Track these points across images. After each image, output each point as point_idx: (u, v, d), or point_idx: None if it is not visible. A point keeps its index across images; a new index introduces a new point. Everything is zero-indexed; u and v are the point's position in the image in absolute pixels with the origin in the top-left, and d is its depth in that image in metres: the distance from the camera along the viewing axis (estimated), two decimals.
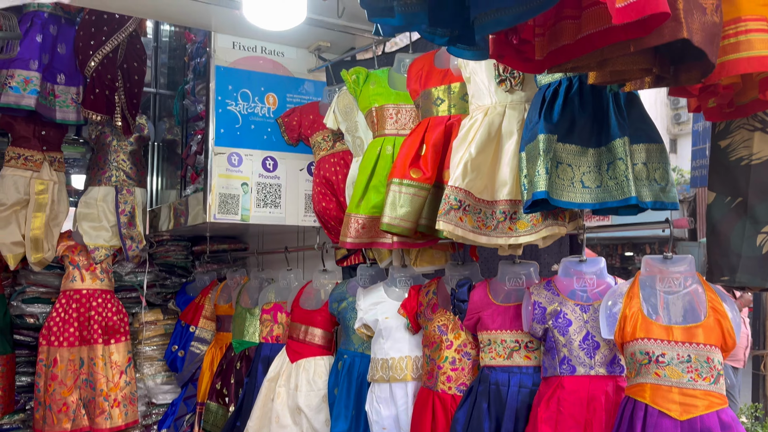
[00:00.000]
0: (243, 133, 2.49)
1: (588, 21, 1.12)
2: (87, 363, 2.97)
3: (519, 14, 0.98)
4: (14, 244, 2.89)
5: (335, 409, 2.30)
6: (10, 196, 2.88)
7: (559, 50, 1.20)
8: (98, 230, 3.05)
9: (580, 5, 1.13)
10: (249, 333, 2.86)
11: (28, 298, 3.05)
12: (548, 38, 1.20)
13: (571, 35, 1.15)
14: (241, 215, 2.47)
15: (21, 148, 2.93)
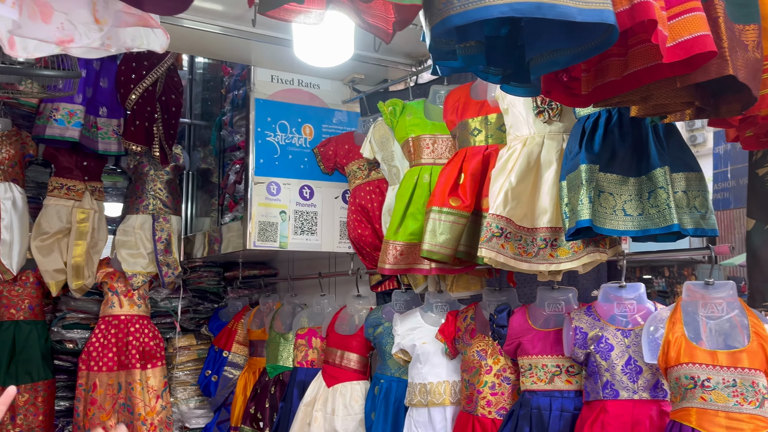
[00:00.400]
0: (281, 163, 2.56)
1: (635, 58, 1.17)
2: (125, 387, 3.02)
3: (574, 56, 1.03)
4: (56, 271, 2.97)
5: None
6: (53, 224, 2.97)
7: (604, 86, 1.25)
8: (136, 257, 3.13)
9: (626, 44, 1.19)
10: (283, 358, 2.90)
11: (68, 324, 3.11)
12: (594, 74, 1.26)
13: (618, 72, 1.21)
14: (279, 242, 2.53)
15: (64, 178, 3.03)
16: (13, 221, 2.84)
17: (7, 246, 2.82)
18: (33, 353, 2.86)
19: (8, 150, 2.88)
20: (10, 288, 2.89)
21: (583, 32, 1.00)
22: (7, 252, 2.83)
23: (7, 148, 2.88)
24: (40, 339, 2.93)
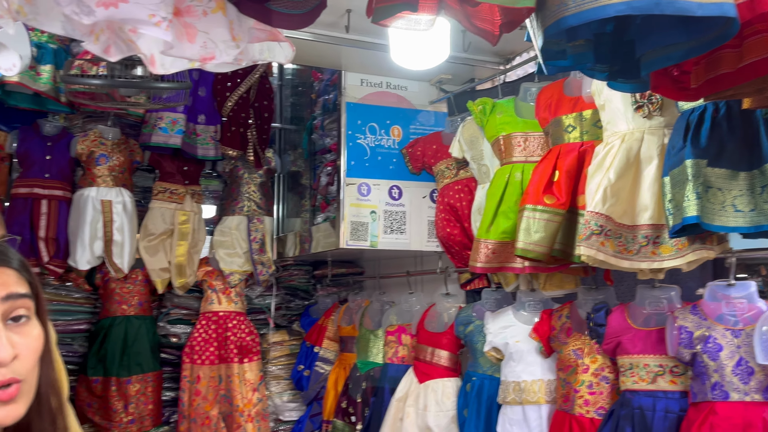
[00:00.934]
0: (371, 165, 2.62)
1: (751, 50, 1.13)
2: (225, 380, 3.17)
3: (689, 50, 1.01)
4: (162, 270, 3.16)
5: (465, 429, 2.34)
6: (158, 226, 3.16)
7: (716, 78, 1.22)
8: (232, 256, 3.28)
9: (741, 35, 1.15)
10: (373, 354, 2.96)
11: (172, 319, 3.31)
12: (704, 67, 1.22)
13: (732, 64, 1.17)
14: (370, 241, 2.59)
15: (167, 182, 3.22)
16: (123, 223, 3.05)
17: (119, 246, 3.03)
18: (143, 346, 3.06)
19: (118, 157, 3.09)
20: (122, 285, 3.10)
21: (700, 26, 0.98)
22: (119, 252, 3.04)
23: (118, 156, 3.09)
24: (149, 333, 3.13)
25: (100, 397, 2.96)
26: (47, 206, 2.96)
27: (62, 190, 3.02)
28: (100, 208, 3.00)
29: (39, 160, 2.98)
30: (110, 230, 3.01)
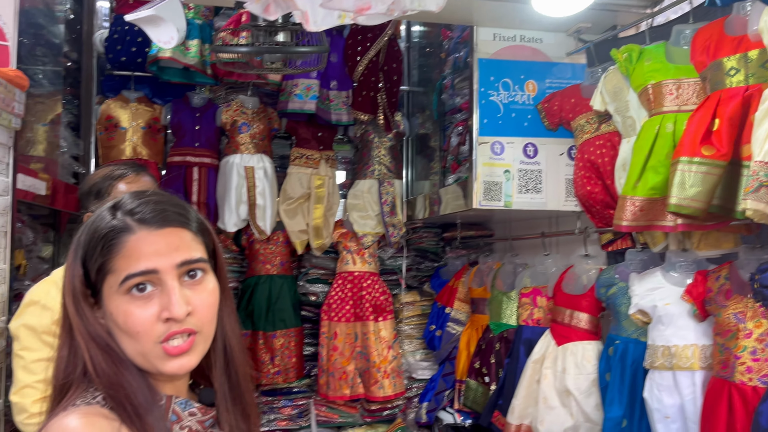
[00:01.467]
0: (504, 122, 2.55)
1: None
2: (361, 337, 3.30)
3: None
4: (300, 231, 3.32)
5: (608, 394, 2.27)
6: (296, 190, 3.31)
7: None
8: (365, 219, 3.37)
9: None
10: (506, 316, 2.93)
11: (310, 279, 3.47)
12: None
13: None
14: (504, 201, 2.54)
15: (303, 148, 3.35)
16: (265, 188, 3.22)
17: (262, 210, 3.22)
18: (285, 303, 3.25)
19: (258, 125, 3.26)
20: (265, 247, 3.29)
21: None
22: (262, 215, 3.22)
23: (258, 124, 3.26)
24: (290, 291, 3.31)
25: (249, 349, 3.19)
26: (198, 173, 3.20)
27: (210, 158, 3.25)
28: (243, 174, 3.19)
29: (189, 130, 3.21)
30: (253, 195, 3.19)
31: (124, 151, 3.12)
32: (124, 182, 1.83)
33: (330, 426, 3.47)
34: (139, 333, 0.88)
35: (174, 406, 0.95)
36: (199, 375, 1.03)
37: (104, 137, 3.17)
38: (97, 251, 0.89)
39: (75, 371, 0.89)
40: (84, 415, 0.83)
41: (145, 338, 0.88)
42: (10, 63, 2.01)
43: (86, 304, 0.90)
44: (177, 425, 0.93)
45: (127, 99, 3.21)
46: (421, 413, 3.40)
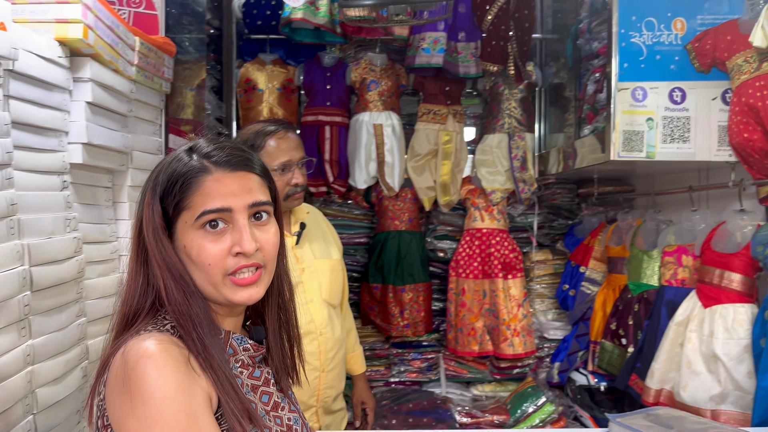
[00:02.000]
0: (647, 66, 2.36)
1: None
2: (489, 294, 3.28)
3: None
4: (428, 188, 3.33)
5: (763, 360, 2.07)
6: (423, 147, 3.32)
7: None
8: (494, 174, 3.30)
9: None
10: (646, 275, 2.77)
11: (438, 235, 3.50)
12: None
13: None
14: (646, 152, 2.37)
15: (430, 104, 3.33)
16: (393, 145, 3.26)
17: (390, 167, 3.27)
18: (414, 259, 3.31)
19: (386, 82, 3.29)
20: (394, 203, 3.35)
21: None
22: (390, 172, 3.27)
23: (386, 81, 3.29)
24: (419, 247, 3.35)
25: (379, 302, 3.30)
26: (330, 131, 3.30)
27: (341, 116, 3.34)
28: (372, 131, 3.25)
29: (321, 90, 3.32)
30: (382, 152, 3.25)
31: (262, 112, 3.30)
32: (274, 138, 1.96)
33: (459, 381, 3.52)
34: (210, 265, 0.97)
35: (231, 340, 1.04)
36: (253, 313, 1.15)
37: (243, 99, 3.36)
38: (176, 189, 0.98)
39: (146, 300, 0.99)
40: (160, 341, 0.91)
41: (216, 270, 0.97)
42: (159, 31, 2.19)
43: (164, 237, 0.98)
44: (233, 359, 1.02)
45: (264, 62, 3.38)
46: (553, 373, 3.34)
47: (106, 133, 1.73)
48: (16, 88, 1.35)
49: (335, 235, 2.33)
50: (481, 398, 3.49)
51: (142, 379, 0.86)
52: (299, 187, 1.99)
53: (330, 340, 2.05)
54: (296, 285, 1.98)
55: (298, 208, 2.12)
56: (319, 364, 2.03)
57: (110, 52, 1.70)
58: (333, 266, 2.15)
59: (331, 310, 2.10)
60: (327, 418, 2.11)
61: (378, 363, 3.48)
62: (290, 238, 2.06)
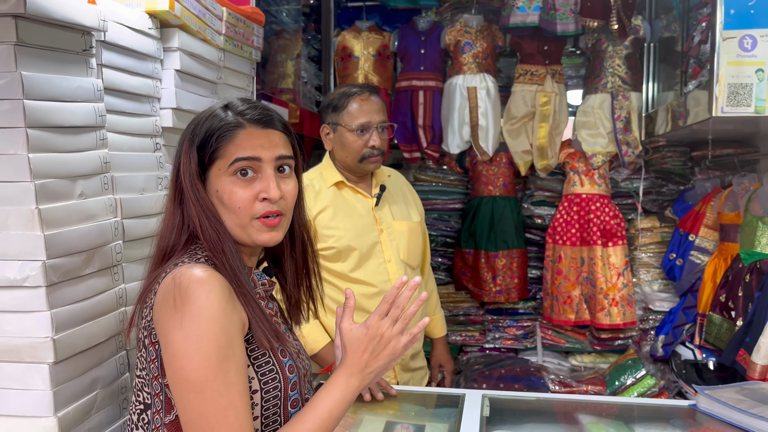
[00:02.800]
0: (758, 11, 2.14)
1: None
2: (587, 262, 3.18)
3: None
4: (524, 152, 3.27)
5: None
6: (519, 109, 3.25)
7: None
8: (595, 137, 3.17)
9: None
10: (761, 244, 2.55)
11: (535, 201, 3.43)
12: None
13: None
14: (754, 107, 2.17)
15: (527, 64, 3.25)
16: (487, 108, 3.22)
17: (484, 131, 3.24)
18: (507, 225, 3.27)
19: (482, 43, 3.24)
20: (488, 168, 3.33)
21: None
22: (484, 136, 3.25)
23: (481, 42, 3.24)
24: (513, 213, 3.31)
25: (472, 268, 3.31)
26: (423, 96, 3.33)
27: (435, 81, 3.34)
28: (466, 94, 3.23)
29: (415, 55, 3.34)
30: (476, 115, 3.22)
31: (357, 78, 3.38)
32: (357, 100, 2.04)
33: (556, 350, 3.46)
34: (240, 209, 1.10)
35: (253, 275, 1.19)
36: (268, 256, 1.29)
37: (340, 67, 3.47)
38: (212, 140, 1.11)
39: (181, 237, 1.13)
40: (205, 268, 1.04)
41: (244, 213, 1.10)
42: (250, 1, 2.32)
43: (199, 181, 1.12)
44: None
45: (360, 29, 3.45)
46: (657, 346, 3.19)
47: (196, 99, 1.88)
48: (108, 57, 1.52)
49: (417, 198, 2.37)
50: (580, 369, 3.41)
51: (193, 299, 0.99)
52: (376, 150, 2.05)
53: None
54: (374, 245, 2.07)
55: (379, 172, 2.18)
56: None
57: (197, 22, 1.84)
58: (412, 228, 2.20)
59: (409, 270, 2.16)
60: (405, 375, 2.19)
61: (473, 328, 3.50)
62: (370, 199, 2.13)
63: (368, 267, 2.08)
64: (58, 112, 1.32)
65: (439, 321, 2.46)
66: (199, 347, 0.97)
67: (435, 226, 3.49)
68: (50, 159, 1.29)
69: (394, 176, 2.29)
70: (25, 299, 1.24)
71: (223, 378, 0.98)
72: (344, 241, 2.06)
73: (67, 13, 1.32)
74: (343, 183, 2.11)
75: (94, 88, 1.45)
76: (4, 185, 1.25)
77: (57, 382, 1.26)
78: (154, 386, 1.06)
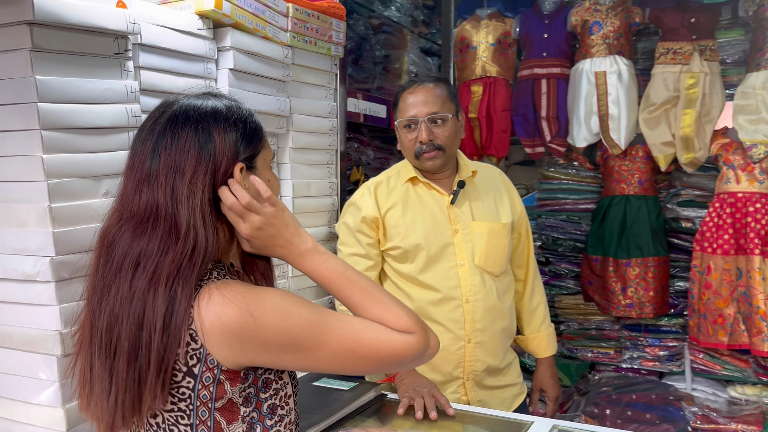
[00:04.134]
0: None
1: None
2: (744, 275, 2.65)
3: None
4: (664, 144, 2.82)
5: None
6: (660, 94, 2.81)
7: None
8: (756, 124, 2.63)
9: None
10: None
11: (682, 201, 2.95)
12: None
13: None
14: None
15: (670, 41, 2.80)
16: (619, 95, 2.84)
17: (615, 120, 2.86)
18: (642, 228, 2.85)
19: (613, 22, 2.87)
20: (620, 163, 2.93)
21: None
22: (615, 126, 2.86)
23: (612, 20, 2.87)
24: (651, 214, 2.88)
25: (599, 277, 2.94)
26: (546, 85, 3.04)
27: (560, 67, 3.03)
28: (594, 80, 2.88)
29: (537, 40, 3.06)
30: (605, 103, 2.86)
31: (474, 70, 3.19)
32: (406, 93, 1.92)
33: (710, 377, 2.95)
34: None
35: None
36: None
37: (458, 59, 3.30)
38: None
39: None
40: (238, 282, 1.07)
41: None
42: None
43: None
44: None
45: (479, 17, 3.25)
46: None
47: (255, 97, 1.88)
48: (147, 59, 1.56)
49: (515, 197, 2.10)
50: (740, 402, 2.87)
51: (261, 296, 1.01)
52: (425, 145, 1.87)
53: (479, 309, 1.91)
54: (446, 246, 1.90)
55: (463, 166, 2.00)
56: (464, 334, 1.90)
57: (254, 20, 1.84)
58: (494, 230, 1.97)
59: (486, 277, 1.95)
60: (481, 393, 1.98)
61: (606, 345, 3.13)
62: (446, 197, 1.97)
63: (437, 270, 1.91)
64: (79, 114, 1.37)
65: (545, 338, 2.17)
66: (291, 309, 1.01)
67: (563, 229, 3.17)
68: (67, 159, 1.34)
69: (484, 171, 2.08)
70: (38, 293, 1.31)
71: (323, 311, 1.04)
72: (411, 241, 1.91)
73: (88, 18, 1.36)
74: (417, 179, 1.97)
75: (127, 90, 1.49)
76: (24, 184, 1.32)
77: (65, 374, 1.30)
78: (201, 413, 1.03)
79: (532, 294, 2.12)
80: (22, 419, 1.37)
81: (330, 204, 2.27)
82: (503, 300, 1.98)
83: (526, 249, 2.10)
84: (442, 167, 1.93)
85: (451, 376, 1.93)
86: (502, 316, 1.97)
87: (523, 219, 2.07)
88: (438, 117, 1.86)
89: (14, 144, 1.33)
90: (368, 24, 2.76)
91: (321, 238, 2.23)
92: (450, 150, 1.91)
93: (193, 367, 1.00)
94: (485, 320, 1.92)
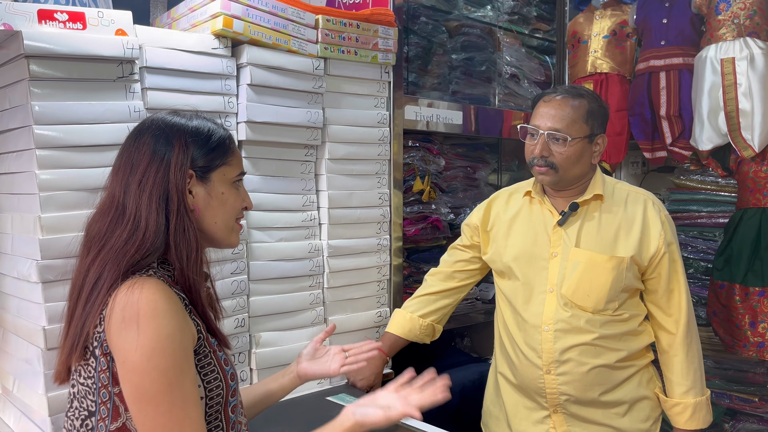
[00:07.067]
0: None
1: None
2: None
3: None
4: None
5: None
6: None
7: None
8: None
9: None
10: None
11: None
12: None
13: None
14: None
15: None
16: (751, 85, 2.41)
17: (747, 117, 2.43)
18: None
19: None
20: (756, 168, 2.46)
21: None
22: (748, 124, 2.43)
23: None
24: None
25: (724, 306, 2.50)
26: (665, 79, 2.68)
27: (681, 57, 2.66)
28: (719, 69, 2.47)
29: (656, 27, 2.72)
30: (733, 97, 2.44)
31: (584, 66, 2.94)
32: (542, 102, 1.87)
33: None
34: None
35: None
36: None
37: (570, 56, 3.06)
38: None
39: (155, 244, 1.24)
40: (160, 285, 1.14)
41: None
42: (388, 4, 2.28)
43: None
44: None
45: (593, 8, 2.99)
46: None
47: (279, 110, 1.97)
48: (154, 80, 1.73)
49: (654, 232, 1.81)
50: None
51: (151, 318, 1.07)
52: (536, 160, 1.78)
53: (560, 340, 1.78)
54: (540, 270, 1.83)
55: (590, 188, 1.84)
56: (541, 363, 1.82)
57: (273, 35, 1.93)
58: (595, 261, 1.78)
59: (575, 310, 1.79)
60: (578, 426, 1.84)
61: (747, 390, 2.65)
62: (555, 217, 1.86)
63: (525, 292, 1.87)
64: (75, 134, 1.58)
65: (688, 408, 1.83)
66: (157, 364, 1.06)
67: (694, 247, 2.76)
68: (60, 174, 1.55)
69: (622, 196, 1.86)
70: (30, 291, 1.54)
71: (179, 392, 1.07)
72: (506, 259, 1.92)
73: (83, 47, 1.57)
74: (530, 193, 1.94)
75: (130, 110, 1.68)
76: (26, 197, 1.57)
77: (49, 366, 1.51)
78: (102, 395, 1.15)
79: (678, 352, 1.84)
80: (25, 399, 1.61)
81: (380, 215, 2.26)
82: (606, 340, 1.79)
83: (668, 295, 1.83)
84: (555, 185, 1.84)
85: (538, 404, 1.89)
86: (598, 355, 1.80)
87: (662, 259, 1.81)
88: (558, 135, 1.77)
89: (21, 162, 1.59)
90: (443, 27, 2.69)
91: (367, 249, 2.24)
92: (566, 172, 1.80)
93: (95, 349, 1.13)
94: (571, 353, 1.79)
